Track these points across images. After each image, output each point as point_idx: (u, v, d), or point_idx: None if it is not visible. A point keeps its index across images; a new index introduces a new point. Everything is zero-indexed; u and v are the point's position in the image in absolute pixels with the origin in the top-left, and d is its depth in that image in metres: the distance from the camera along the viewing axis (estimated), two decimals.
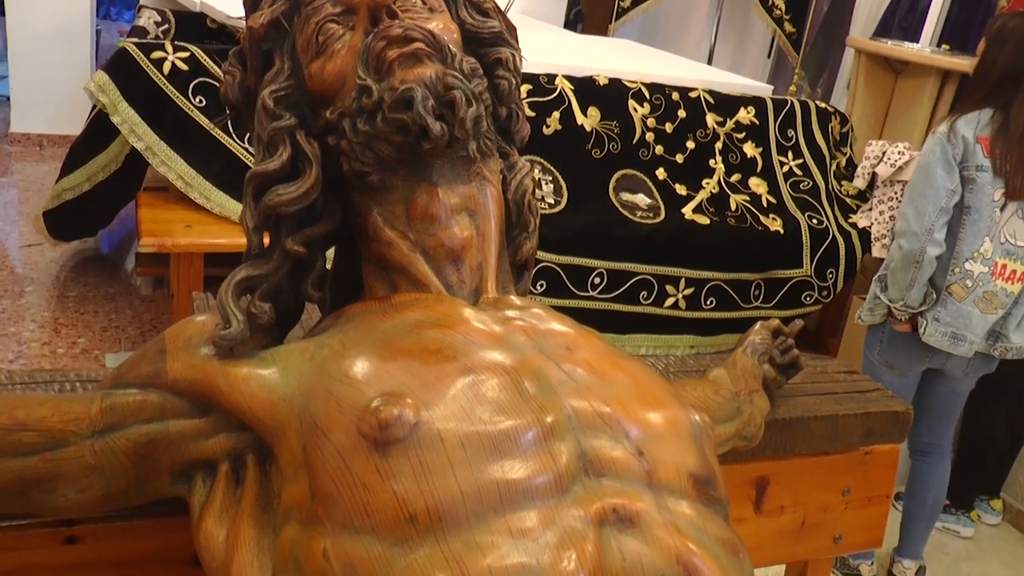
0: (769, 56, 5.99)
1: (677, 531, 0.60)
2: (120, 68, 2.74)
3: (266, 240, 0.78)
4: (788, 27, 5.36)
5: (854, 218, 3.56)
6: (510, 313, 0.76)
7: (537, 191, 2.80)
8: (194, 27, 3.63)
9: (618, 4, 5.67)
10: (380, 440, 0.60)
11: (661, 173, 3.29)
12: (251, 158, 1.42)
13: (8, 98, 5.19)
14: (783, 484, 1.42)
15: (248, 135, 2.97)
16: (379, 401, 0.61)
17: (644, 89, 3.30)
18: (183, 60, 2.76)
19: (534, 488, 0.59)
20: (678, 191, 3.28)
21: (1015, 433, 3.08)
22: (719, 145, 3.43)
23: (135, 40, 3.00)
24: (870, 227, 3.52)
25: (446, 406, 0.62)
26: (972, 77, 2.39)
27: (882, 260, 3.36)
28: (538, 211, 0.88)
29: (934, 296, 2.32)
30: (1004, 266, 2.29)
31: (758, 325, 1.26)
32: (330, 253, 0.88)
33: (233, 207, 2.70)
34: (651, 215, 3.15)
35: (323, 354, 0.70)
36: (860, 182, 3.59)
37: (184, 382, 0.72)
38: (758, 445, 1.30)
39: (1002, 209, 2.26)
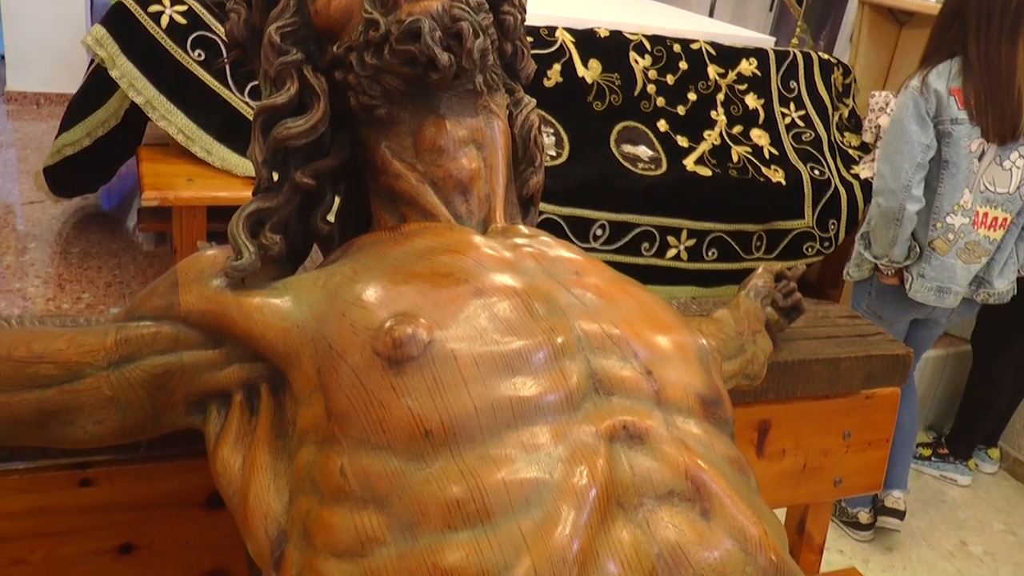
0: (771, 9, 5.93)
1: (685, 447, 0.61)
2: (118, 22, 2.72)
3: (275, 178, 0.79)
4: None
5: (856, 169, 3.56)
6: (519, 240, 0.77)
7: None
8: None
9: None
10: (394, 358, 0.61)
11: (663, 125, 3.27)
12: (251, 112, 1.41)
13: (3, 56, 5.14)
14: (785, 428, 1.44)
15: (248, 87, 2.93)
16: (392, 321, 0.62)
17: (645, 41, 3.27)
18: (181, 14, 2.74)
19: (546, 405, 0.60)
20: (679, 143, 3.27)
21: (1020, 384, 3.11)
22: (721, 97, 3.41)
23: None
24: (870, 179, 3.52)
25: (458, 326, 0.63)
26: (933, 27, 2.36)
27: None
28: (544, 147, 0.88)
29: (918, 251, 2.33)
30: (985, 214, 2.28)
31: (761, 269, 1.27)
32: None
33: (235, 160, 2.69)
34: (652, 167, 3.14)
35: (335, 280, 0.71)
36: (868, 136, 3.58)
37: (197, 313, 0.72)
38: (760, 388, 1.32)
39: (980, 159, 2.24)
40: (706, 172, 3.21)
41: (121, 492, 1.06)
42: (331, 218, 0.84)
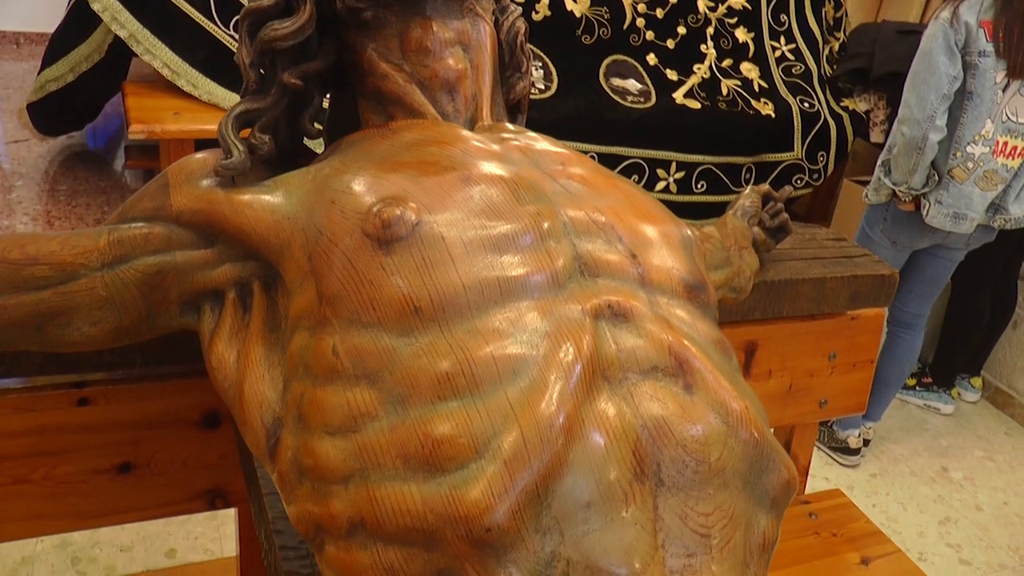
0: None
1: (669, 326, 0.63)
2: None
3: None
4: None
5: (847, 102, 3.55)
6: (505, 135, 0.78)
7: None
8: None
9: None
10: (383, 238, 0.62)
11: (652, 59, 3.25)
12: (236, 44, 1.39)
13: None
14: (771, 348, 1.46)
15: (233, 21, 2.88)
16: (381, 204, 0.63)
17: None
18: None
19: (532, 284, 0.62)
20: (669, 76, 3.25)
21: (999, 312, 3.15)
22: (711, 30, 3.38)
23: None
24: (869, 112, 3.51)
25: (446, 210, 0.64)
26: None
27: (879, 144, 3.38)
28: (531, 54, 0.88)
29: (936, 178, 2.36)
30: (1005, 143, 2.31)
31: (748, 189, 1.28)
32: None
33: (222, 94, 2.66)
34: (642, 100, 3.13)
35: (324, 173, 0.71)
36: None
37: (188, 212, 0.73)
38: (747, 307, 1.33)
39: (1004, 90, 2.27)
40: (695, 105, 3.20)
41: (118, 411, 1.08)
42: (319, 126, 0.85)
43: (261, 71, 0.77)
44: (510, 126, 0.81)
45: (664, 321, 0.63)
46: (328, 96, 0.91)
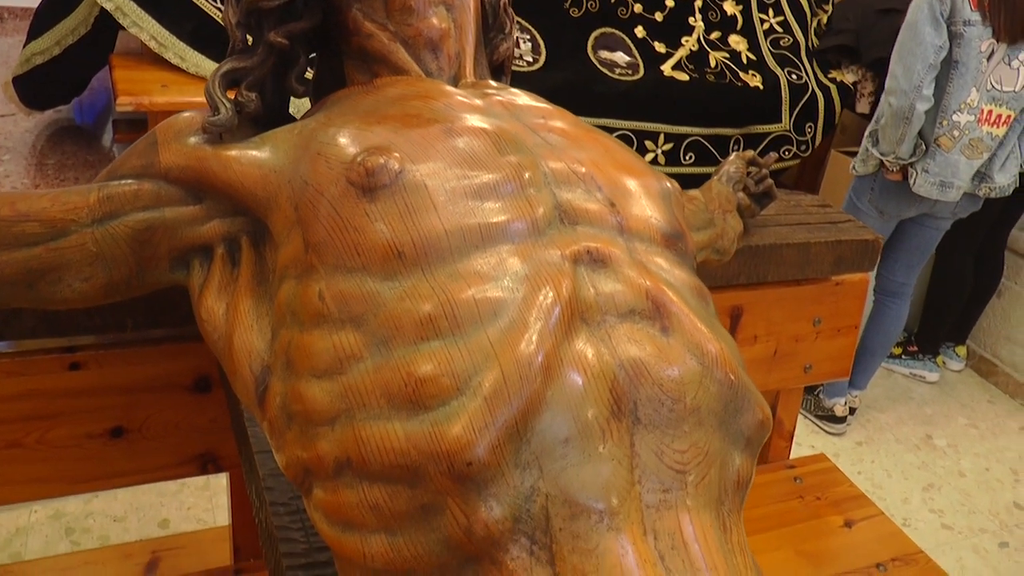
0: None
1: (647, 272, 0.64)
2: None
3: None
4: None
5: (835, 73, 3.55)
6: (488, 91, 0.80)
7: (515, 49, 2.77)
8: None
9: None
10: (367, 186, 0.63)
11: (640, 31, 3.24)
12: (222, 15, 1.39)
13: None
14: (756, 314, 1.48)
15: None
16: (365, 153, 0.65)
17: None
18: None
19: (513, 231, 0.63)
20: (657, 49, 3.25)
21: (985, 281, 3.18)
22: (699, 3, 3.38)
23: None
24: (857, 83, 3.52)
25: (429, 160, 0.66)
26: None
27: (865, 115, 3.39)
28: (514, 17, 0.90)
29: (924, 148, 2.38)
30: (990, 112, 2.34)
31: (733, 155, 1.29)
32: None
33: (209, 67, 2.65)
34: (630, 72, 3.13)
35: (310, 127, 0.73)
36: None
37: (177, 169, 0.74)
38: (732, 272, 1.35)
39: (988, 59, 2.28)
40: (683, 77, 3.20)
41: (110, 376, 1.09)
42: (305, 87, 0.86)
43: (247, 31, 0.78)
44: (493, 83, 0.83)
45: (642, 266, 0.64)
46: (314, 56, 0.91)
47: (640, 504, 0.56)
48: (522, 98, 0.80)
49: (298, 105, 0.94)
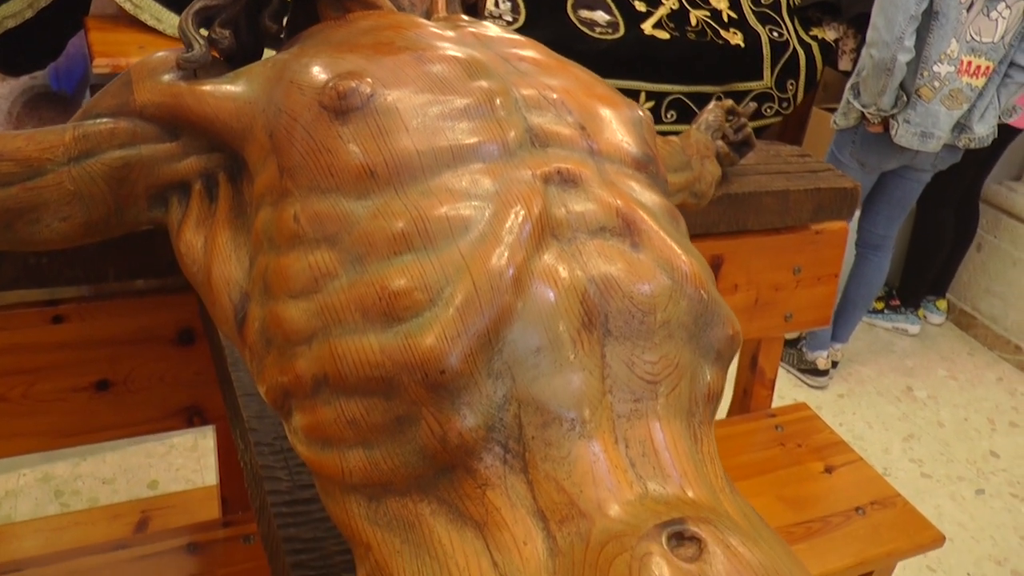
0: None
1: (618, 191, 0.65)
2: None
3: None
4: None
5: (816, 31, 3.55)
6: (460, 24, 0.80)
7: (494, 8, 2.77)
8: None
9: None
10: (339, 109, 0.64)
11: None
12: None
13: None
14: (737, 263, 1.49)
15: None
16: (336, 78, 0.66)
17: None
18: None
19: (484, 152, 0.64)
20: (637, 7, 3.23)
21: (962, 232, 3.22)
22: None
23: None
24: (838, 40, 3.52)
25: (401, 85, 0.66)
26: None
27: (847, 73, 3.39)
28: None
29: (905, 99, 2.39)
30: (969, 63, 2.34)
31: (712, 104, 1.30)
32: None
33: None
34: (610, 31, 3.12)
35: (283, 59, 0.73)
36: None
37: (152, 106, 0.74)
38: (712, 220, 1.36)
39: (968, 10, 2.29)
40: (664, 36, 3.19)
41: (93, 328, 1.09)
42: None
43: None
44: (465, 17, 0.83)
45: (613, 186, 0.65)
46: None
47: (611, 413, 0.57)
48: (494, 30, 0.80)
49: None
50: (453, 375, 0.54)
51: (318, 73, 0.68)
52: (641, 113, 0.76)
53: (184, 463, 2.17)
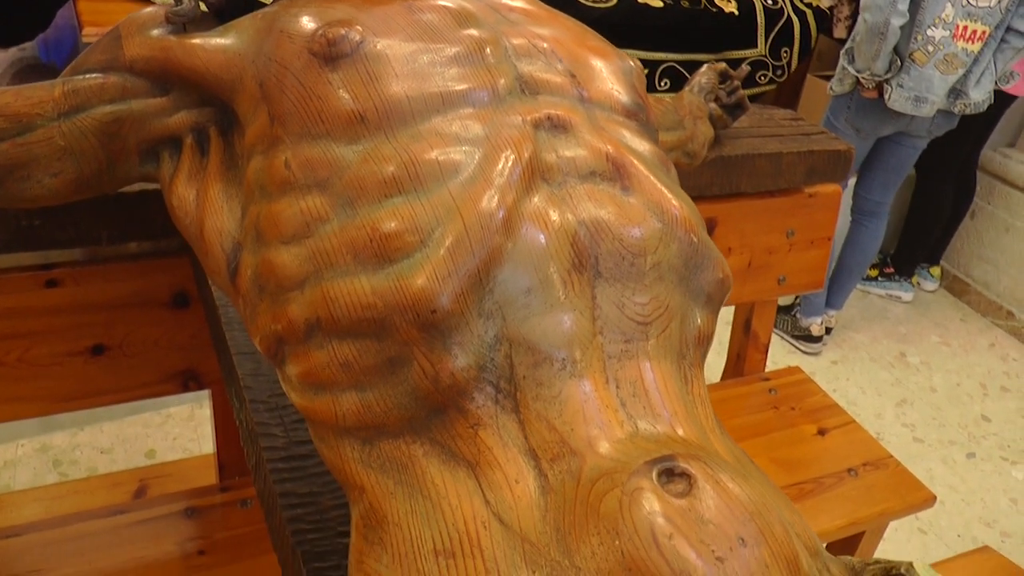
0: None
1: (608, 137, 0.65)
2: None
3: None
4: None
5: None
6: None
7: None
8: None
9: None
10: (329, 55, 0.64)
11: None
12: None
13: None
14: (730, 226, 1.50)
15: None
16: (326, 26, 0.66)
17: None
18: None
19: (474, 98, 0.64)
20: None
21: (959, 202, 3.22)
22: None
23: None
24: (833, 8, 3.50)
25: (390, 32, 0.66)
26: None
27: (842, 40, 3.38)
28: None
29: (899, 63, 2.38)
30: (965, 27, 2.33)
31: (705, 67, 1.29)
32: None
33: None
34: (603, 0, 3.10)
35: (271, 11, 0.73)
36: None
37: (142, 60, 0.74)
38: (705, 183, 1.36)
39: None
40: (657, 3, 3.17)
41: (87, 293, 1.09)
42: None
43: None
44: None
45: (603, 131, 0.65)
46: None
47: (602, 354, 0.57)
48: None
49: None
50: (444, 315, 0.55)
51: (308, 22, 0.68)
52: (631, 63, 0.76)
53: (181, 432, 2.19)
